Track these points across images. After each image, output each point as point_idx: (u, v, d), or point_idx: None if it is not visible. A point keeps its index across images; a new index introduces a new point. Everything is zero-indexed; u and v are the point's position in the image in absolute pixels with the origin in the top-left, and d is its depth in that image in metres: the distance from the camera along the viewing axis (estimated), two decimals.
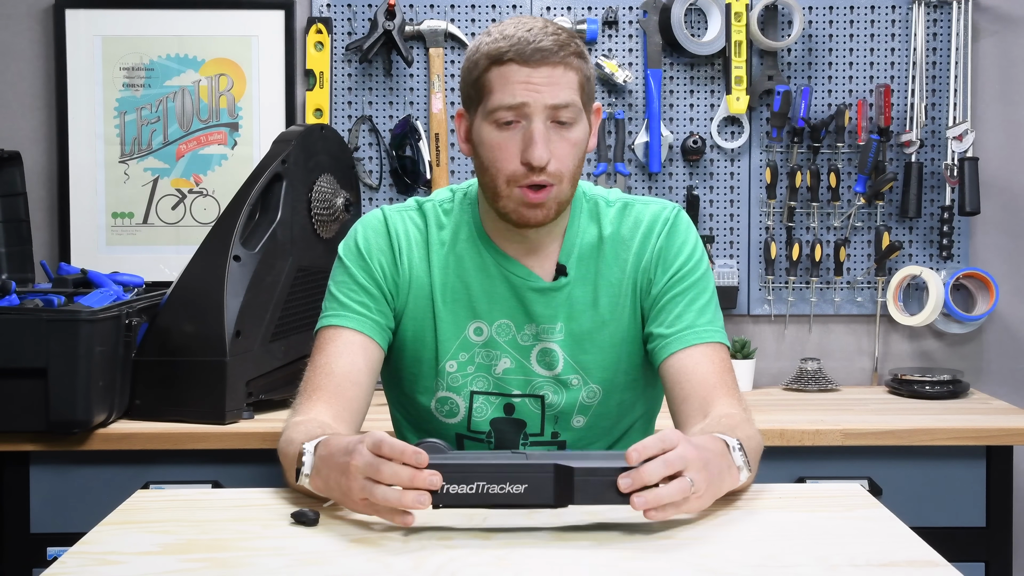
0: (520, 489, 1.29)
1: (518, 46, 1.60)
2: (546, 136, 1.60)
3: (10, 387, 2.17)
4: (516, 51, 1.60)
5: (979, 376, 2.91)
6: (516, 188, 1.63)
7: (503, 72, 1.61)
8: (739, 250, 2.89)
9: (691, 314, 1.70)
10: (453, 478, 1.29)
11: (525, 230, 1.70)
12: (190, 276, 2.34)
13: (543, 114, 1.60)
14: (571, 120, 1.62)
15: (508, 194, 1.64)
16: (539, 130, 1.60)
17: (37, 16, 2.87)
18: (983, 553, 2.38)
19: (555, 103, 1.60)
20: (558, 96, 1.60)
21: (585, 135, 1.66)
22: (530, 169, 1.61)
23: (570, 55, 1.62)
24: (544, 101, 1.60)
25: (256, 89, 2.87)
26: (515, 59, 1.60)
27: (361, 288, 1.73)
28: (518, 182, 1.63)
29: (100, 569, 1.24)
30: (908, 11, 2.87)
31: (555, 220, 1.70)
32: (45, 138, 2.87)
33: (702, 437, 1.44)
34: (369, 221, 1.78)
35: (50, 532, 2.29)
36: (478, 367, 1.74)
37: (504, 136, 1.62)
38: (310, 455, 1.45)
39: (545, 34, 1.62)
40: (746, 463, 1.46)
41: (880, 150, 2.81)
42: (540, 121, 1.60)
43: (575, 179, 1.67)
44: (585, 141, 1.66)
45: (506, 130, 1.62)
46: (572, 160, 1.64)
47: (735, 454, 1.45)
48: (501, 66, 1.61)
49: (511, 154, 1.62)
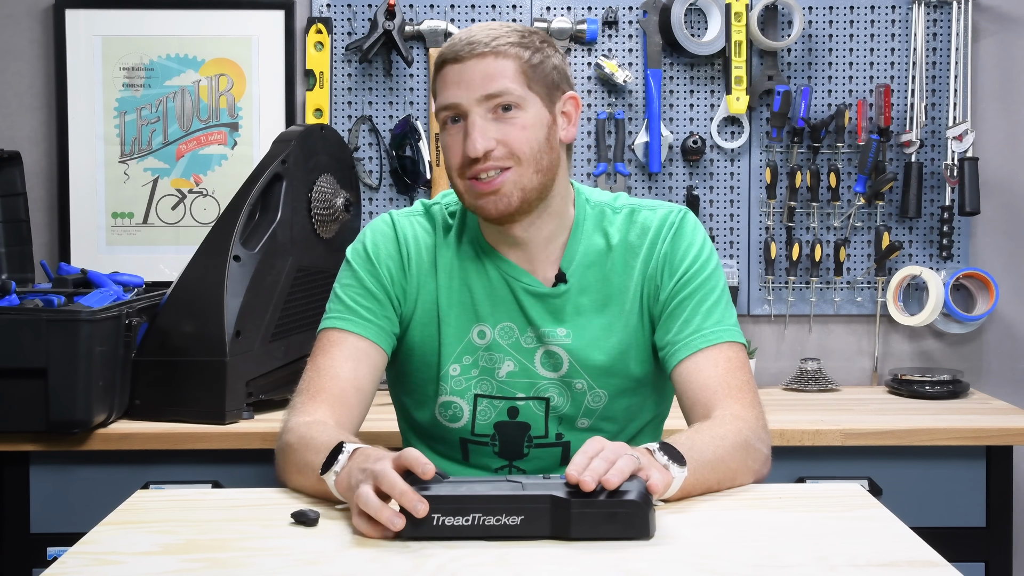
0: (516, 521, 1.30)
1: (452, 46, 1.66)
2: (483, 127, 1.63)
3: (10, 387, 2.17)
4: (450, 51, 1.66)
5: (979, 376, 2.91)
6: (468, 181, 1.66)
7: (442, 75, 1.67)
8: (739, 250, 2.89)
9: (698, 317, 1.70)
10: (449, 510, 1.29)
11: (510, 228, 1.70)
12: (190, 276, 2.34)
13: (479, 106, 1.63)
14: (515, 104, 1.64)
15: (465, 188, 1.68)
16: (473, 122, 1.63)
17: (37, 16, 2.87)
18: (983, 553, 2.38)
19: (487, 92, 1.63)
20: (490, 85, 1.63)
21: (540, 120, 1.66)
22: (472, 161, 1.63)
23: (503, 44, 1.64)
24: (475, 93, 1.63)
25: (256, 89, 2.87)
26: (448, 60, 1.66)
27: (368, 292, 1.73)
28: (464, 175, 1.65)
29: (100, 569, 1.24)
30: (908, 11, 2.87)
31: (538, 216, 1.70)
32: (45, 138, 2.87)
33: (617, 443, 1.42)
34: (378, 226, 1.79)
35: (50, 532, 2.29)
36: (482, 370, 1.74)
37: (451, 135, 1.67)
38: (346, 455, 1.43)
39: (483, 31, 1.66)
40: (672, 460, 1.44)
41: (880, 150, 2.81)
42: (477, 114, 1.63)
43: (541, 166, 1.66)
44: (542, 126, 1.66)
45: (452, 128, 1.67)
46: (525, 143, 1.64)
47: (657, 455, 1.44)
48: (440, 70, 1.67)
49: (457, 150, 1.66)
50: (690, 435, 1.55)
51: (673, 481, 1.44)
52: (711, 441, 1.53)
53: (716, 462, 1.52)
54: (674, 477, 1.44)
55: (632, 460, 1.35)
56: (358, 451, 1.44)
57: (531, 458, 1.77)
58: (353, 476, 1.38)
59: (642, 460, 1.38)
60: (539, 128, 1.66)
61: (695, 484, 1.48)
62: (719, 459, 1.53)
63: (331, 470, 1.43)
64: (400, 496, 1.30)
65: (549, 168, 1.67)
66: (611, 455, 1.35)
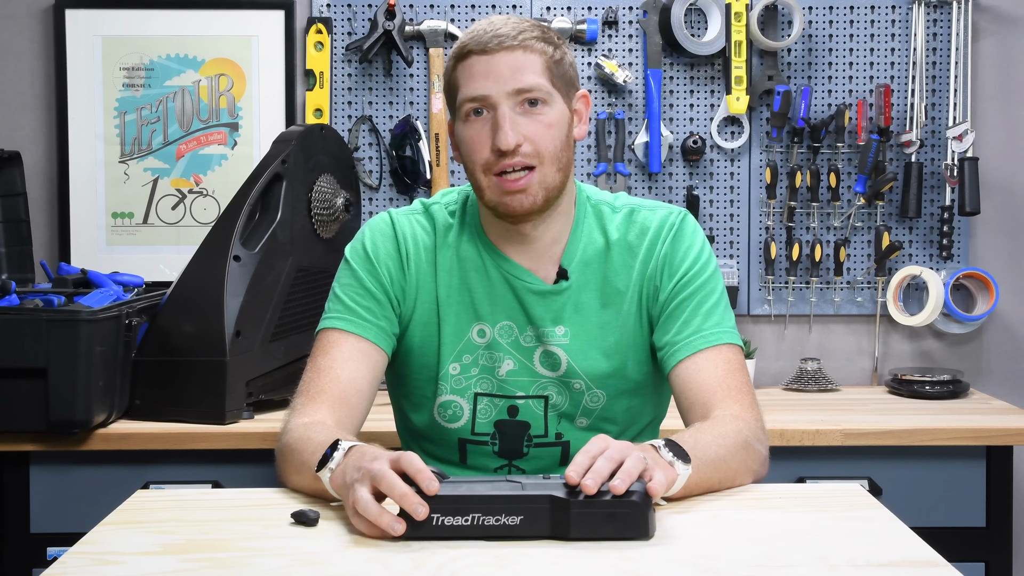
0: (516, 521, 1.30)
1: (477, 38, 1.64)
2: (513, 120, 1.62)
3: (10, 387, 2.17)
4: (475, 43, 1.63)
5: (979, 376, 2.91)
6: (494, 177, 1.64)
7: (466, 66, 1.64)
8: (739, 250, 2.89)
9: (697, 319, 1.70)
10: (448, 510, 1.29)
11: (522, 226, 1.69)
12: (190, 276, 2.34)
13: (508, 100, 1.62)
14: (542, 100, 1.63)
15: (488, 184, 1.66)
16: (504, 115, 1.61)
17: (37, 16, 2.87)
18: (983, 553, 2.38)
19: (518, 87, 1.62)
20: (520, 79, 1.62)
21: (563, 117, 1.66)
22: (501, 155, 1.62)
23: (530, 39, 1.63)
24: (506, 87, 1.62)
25: (256, 89, 2.87)
26: (474, 50, 1.63)
27: (367, 292, 1.73)
28: (492, 170, 1.64)
29: (100, 569, 1.24)
30: (908, 11, 2.87)
31: (549, 215, 1.70)
32: (45, 138, 2.87)
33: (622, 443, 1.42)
34: (377, 225, 1.78)
35: (50, 532, 2.29)
36: (482, 369, 1.74)
37: (475, 128, 1.65)
38: (341, 452, 1.43)
39: (506, 24, 1.64)
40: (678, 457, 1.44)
41: (880, 150, 2.81)
42: (506, 107, 1.62)
43: (561, 163, 1.66)
44: (564, 124, 1.66)
45: (476, 121, 1.64)
46: (550, 142, 1.64)
47: (662, 451, 1.44)
48: (464, 60, 1.64)
49: (482, 143, 1.64)
50: (692, 434, 1.55)
51: (678, 479, 1.43)
52: (713, 440, 1.53)
53: (718, 461, 1.52)
54: (679, 474, 1.43)
55: (639, 460, 1.34)
56: (354, 448, 1.43)
57: (531, 458, 1.77)
58: (348, 474, 1.38)
59: (648, 459, 1.38)
60: (562, 126, 1.66)
61: (698, 482, 1.48)
62: (721, 458, 1.52)
63: (326, 467, 1.43)
64: (400, 499, 1.29)
65: (567, 165, 1.68)
66: (616, 455, 1.34)
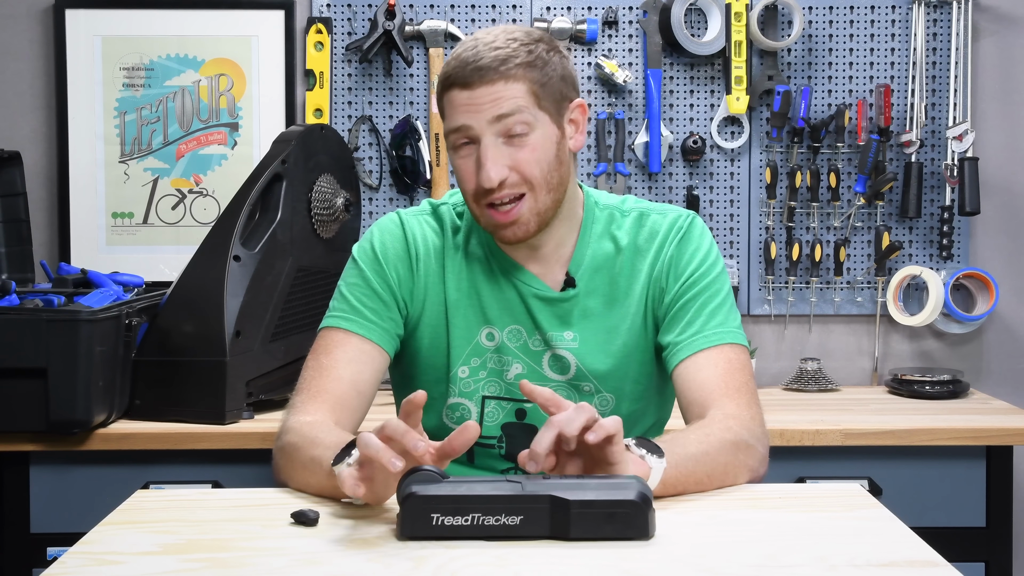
0: (516, 521, 1.29)
1: (459, 68, 1.62)
2: (495, 153, 1.61)
3: (10, 387, 2.17)
4: (456, 74, 1.62)
5: (979, 376, 2.91)
6: (486, 208, 1.64)
7: (449, 97, 1.64)
8: (739, 250, 2.89)
9: (701, 319, 1.69)
10: (448, 510, 1.29)
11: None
12: (190, 276, 2.34)
13: (491, 129, 1.61)
14: (524, 130, 1.62)
15: (481, 214, 1.66)
16: (486, 149, 1.61)
17: (37, 16, 2.87)
18: (983, 553, 2.38)
19: (499, 113, 1.60)
20: (501, 109, 1.60)
21: (548, 139, 1.64)
22: (488, 191, 1.62)
23: (513, 67, 1.61)
24: (486, 119, 1.60)
25: (256, 89, 2.87)
26: (456, 83, 1.62)
27: (374, 293, 1.72)
28: (480, 201, 1.64)
29: (100, 569, 1.24)
30: (908, 11, 2.87)
31: (555, 228, 1.69)
32: (45, 138, 2.87)
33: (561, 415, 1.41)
34: (386, 225, 1.77)
35: (50, 532, 2.29)
36: (490, 372, 1.74)
37: (462, 158, 1.65)
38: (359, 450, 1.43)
39: (490, 49, 1.61)
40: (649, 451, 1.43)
41: (880, 150, 2.81)
42: (489, 138, 1.61)
43: (552, 185, 1.65)
44: (552, 144, 1.65)
45: (462, 151, 1.64)
46: (537, 166, 1.63)
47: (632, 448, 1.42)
48: (448, 92, 1.64)
49: (471, 175, 1.64)
50: (675, 433, 1.56)
51: (651, 471, 1.42)
52: (696, 437, 1.52)
53: (700, 455, 1.50)
54: (651, 467, 1.41)
55: (580, 410, 1.33)
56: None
57: None
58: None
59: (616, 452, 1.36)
60: (548, 148, 1.64)
61: (681, 477, 1.46)
62: (703, 452, 1.51)
63: (343, 463, 1.41)
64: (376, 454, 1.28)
65: (560, 184, 1.67)
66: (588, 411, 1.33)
